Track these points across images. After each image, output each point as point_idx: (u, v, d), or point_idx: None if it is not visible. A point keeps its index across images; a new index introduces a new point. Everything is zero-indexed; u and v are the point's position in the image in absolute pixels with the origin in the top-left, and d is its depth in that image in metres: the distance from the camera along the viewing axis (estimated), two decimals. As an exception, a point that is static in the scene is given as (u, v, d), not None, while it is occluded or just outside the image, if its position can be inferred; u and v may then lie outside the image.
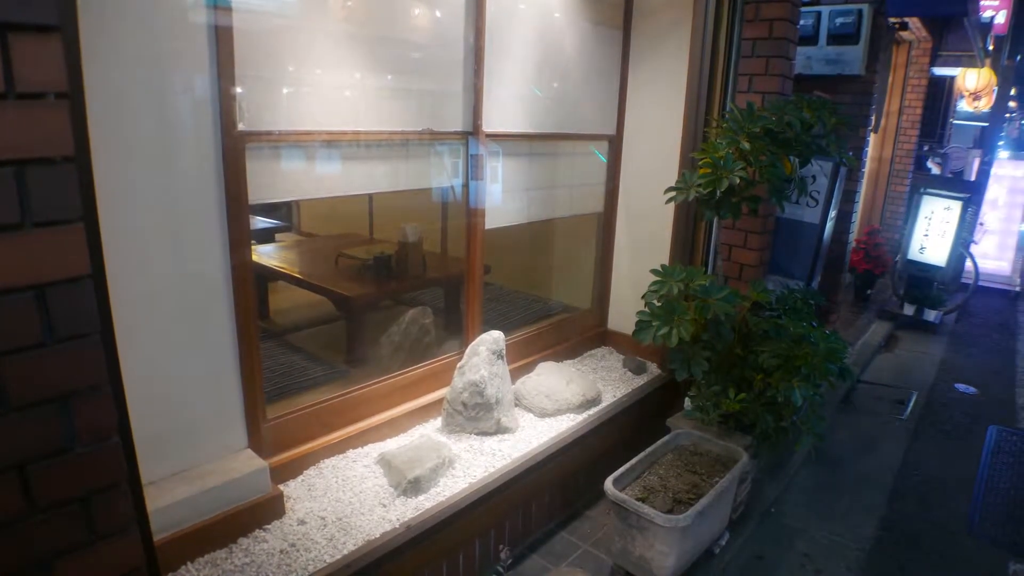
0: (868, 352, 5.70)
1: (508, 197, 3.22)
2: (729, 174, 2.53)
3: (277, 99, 2.23)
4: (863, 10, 5.13)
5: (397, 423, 2.84)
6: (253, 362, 2.27)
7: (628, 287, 3.83)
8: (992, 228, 8.51)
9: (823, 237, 3.89)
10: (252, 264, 2.22)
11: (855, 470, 3.82)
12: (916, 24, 6.93)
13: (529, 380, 3.19)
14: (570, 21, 3.31)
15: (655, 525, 2.41)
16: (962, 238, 6.75)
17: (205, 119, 1.99)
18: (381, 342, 3.25)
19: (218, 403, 2.21)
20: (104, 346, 1.22)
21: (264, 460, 2.26)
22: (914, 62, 7.86)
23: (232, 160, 2.07)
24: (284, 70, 2.24)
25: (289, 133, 2.27)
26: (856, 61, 5.21)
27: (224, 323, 2.17)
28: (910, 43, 7.75)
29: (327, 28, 2.34)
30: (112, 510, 1.27)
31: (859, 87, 5.39)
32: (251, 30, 2.08)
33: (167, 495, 1.99)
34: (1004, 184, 8.57)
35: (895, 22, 6.56)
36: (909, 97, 7.87)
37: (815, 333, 2.84)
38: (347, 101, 2.45)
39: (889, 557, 3.09)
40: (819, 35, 5.33)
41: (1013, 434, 4.50)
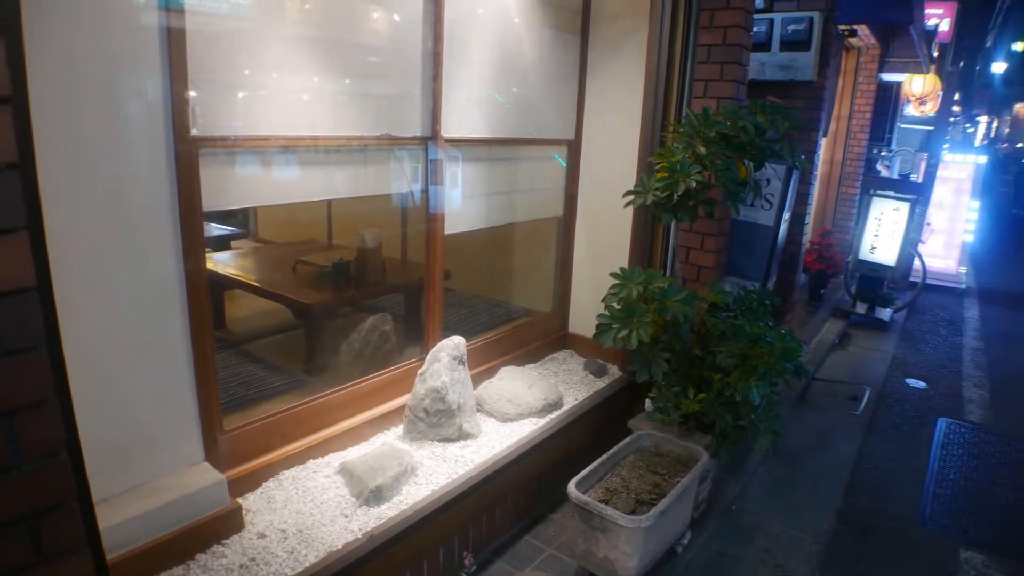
0: (823, 350, 5.84)
1: (468, 202, 3.22)
2: (685, 178, 2.57)
3: (232, 104, 2.19)
4: (814, 17, 5.26)
5: (358, 432, 2.81)
6: (209, 373, 2.22)
7: (588, 290, 3.85)
8: (939, 228, 8.80)
9: (778, 238, 3.98)
10: (207, 272, 2.17)
11: (812, 465, 3.90)
12: (864, 31, 7.14)
13: (491, 385, 3.18)
14: (529, 27, 3.33)
15: (618, 526, 2.42)
16: (910, 238, 6.97)
17: (157, 124, 1.95)
18: (341, 350, 3.21)
19: (173, 416, 2.16)
20: (51, 359, 1.19)
21: (222, 473, 2.21)
22: (863, 68, 8.10)
23: (185, 166, 2.03)
24: (240, 74, 2.20)
25: (245, 139, 2.23)
26: (808, 67, 5.34)
27: (178, 333, 2.12)
28: (859, 50, 7.98)
29: (283, 32, 2.31)
30: (61, 529, 1.23)
31: (811, 92, 5.52)
32: (205, 33, 2.04)
33: (120, 512, 1.93)
34: (949, 185, 8.87)
35: (845, 29, 6.75)
36: (859, 102, 8.10)
37: (771, 333, 2.90)
38: (304, 106, 2.42)
39: (845, 549, 3.17)
40: (772, 41, 5.45)
41: (961, 426, 4.66)
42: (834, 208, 8.20)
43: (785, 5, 5.50)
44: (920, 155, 9.84)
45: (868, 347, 6.29)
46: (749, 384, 2.73)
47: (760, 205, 3.90)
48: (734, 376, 2.79)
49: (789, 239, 5.20)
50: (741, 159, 2.81)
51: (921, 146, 12.42)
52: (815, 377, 5.28)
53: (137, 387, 2.03)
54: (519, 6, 3.25)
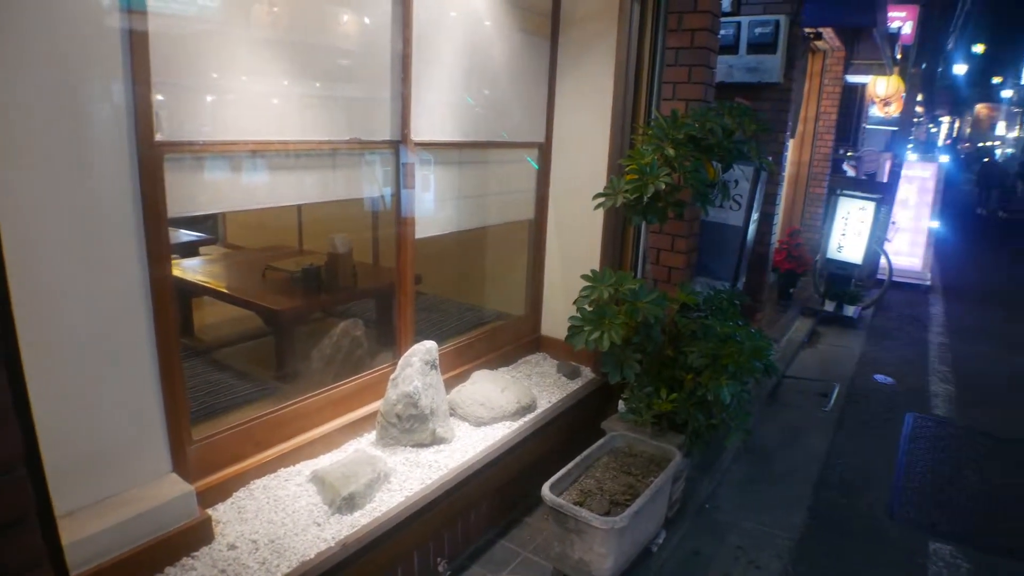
0: (792, 348, 5.93)
1: (438, 206, 3.21)
2: (655, 180, 2.59)
3: (198, 108, 2.16)
4: (780, 21, 5.35)
5: (330, 439, 2.78)
6: (176, 382, 2.18)
7: (560, 293, 3.86)
8: (904, 226, 8.98)
9: (746, 239, 4.03)
10: (173, 279, 2.14)
11: (783, 462, 3.95)
12: (829, 34, 7.26)
13: (464, 389, 3.17)
14: (498, 30, 3.33)
15: (592, 528, 2.43)
16: (876, 236, 7.11)
17: (119, 129, 1.90)
18: (312, 356, 3.18)
19: (139, 426, 2.12)
20: (8, 371, 1.15)
21: (190, 484, 2.17)
22: (829, 70, 8.22)
23: (149, 172, 1.99)
24: (206, 78, 2.17)
25: (211, 144, 2.20)
26: (774, 69, 5.42)
27: (143, 342, 2.08)
28: (824, 52, 8.10)
29: (251, 35, 2.28)
30: (20, 546, 1.20)
31: (778, 94, 5.61)
32: (169, 36, 2.01)
33: (85, 526, 1.89)
34: (914, 184, 9.06)
35: (810, 32, 6.85)
36: (825, 103, 8.22)
37: (741, 332, 2.94)
38: (272, 110, 2.39)
39: (817, 544, 3.21)
40: (739, 44, 5.52)
41: (928, 420, 4.76)
42: (802, 208, 8.32)
43: (752, 9, 5.58)
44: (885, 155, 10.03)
45: (837, 344, 6.40)
46: (720, 383, 2.76)
47: (729, 206, 3.95)
48: (705, 375, 2.81)
49: (758, 239, 5.28)
50: (709, 161, 2.84)
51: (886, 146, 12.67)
52: (786, 375, 5.36)
53: (101, 398, 1.99)
54: (488, 9, 3.25)
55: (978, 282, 10.06)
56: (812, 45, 7.52)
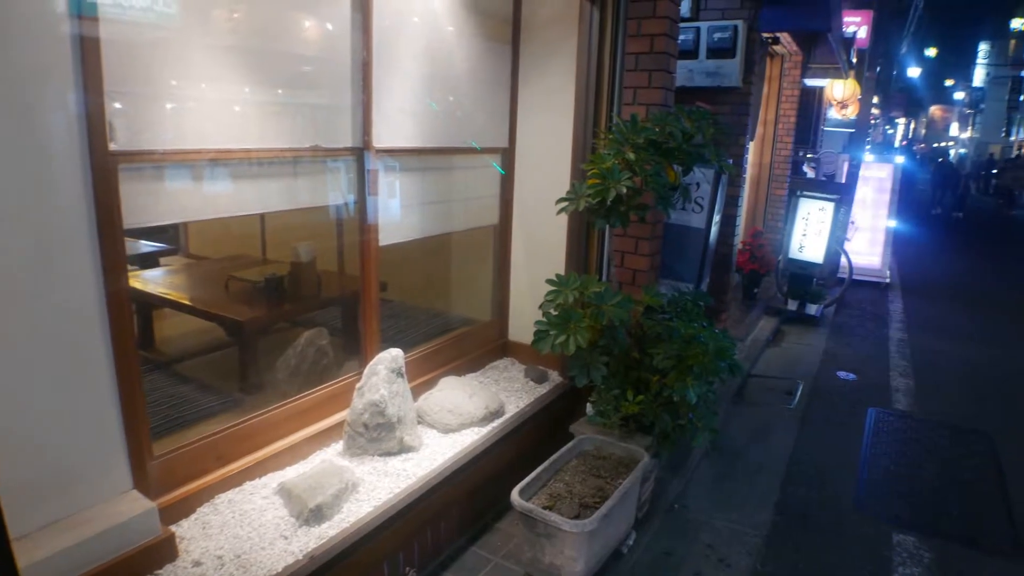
0: (757, 347, 6.01)
1: (402, 213, 3.20)
2: (616, 184, 2.62)
3: (154, 117, 2.12)
4: (738, 26, 5.44)
5: (297, 450, 2.75)
6: (135, 396, 2.14)
7: (527, 297, 3.87)
8: (862, 226, 9.19)
9: (709, 240, 4.09)
10: (131, 291, 2.09)
11: (750, 459, 4.00)
12: (787, 39, 7.41)
13: (431, 396, 3.16)
14: (459, 36, 3.33)
15: (562, 531, 2.43)
16: (836, 236, 7.26)
17: (71, 139, 1.86)
18: (277, 366, 3.14)
19: (97, 443, 2.07)
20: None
21: (152, 500, 2.13)
22: (787, 74, 8.40)
23: (103, 182, 1.95)
24: (162, 86, 2.13)
25: (167, 153, 2.16)
26: (734, 73, 5.51)
27: (100, 356, 2.03)
28: (783, 56, 8.27)
29: (208, 42, 2.25)
30: (-30, 571, 1.16)
31: (737, 98, 5.69)
32: (124, 43, 1.98)
33: (42, 548, 1.84)
34: (871, 185, 9.27)
35: (768, 37, 6.99)
36: (784, 106, 8.39)
37: (705, 333, 2.97)
38: (231, 118, 2.36)
39: (785, 539, 3.26)
40: (699, 49, 5.60)
41: (890, 415, 4.87)
42: (764, 209, 8.47)
43: (711, 14, 5.67)
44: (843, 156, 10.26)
45: (800, 342, 6.51)
46: (686, 384, 2.79)
47: (691, 209, 4.00)
48: (671, 377, 2.84)
49: (721, 240, 5.35)
50: (670, 164, 2.87)
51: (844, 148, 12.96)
52: (751, 374, 5.43)
53: (58, 416, 1.94)
54: (449, 16, 3.26)
55: (935, 279, 10.33)
56: (770, 50, 7.67)
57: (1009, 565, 3.19)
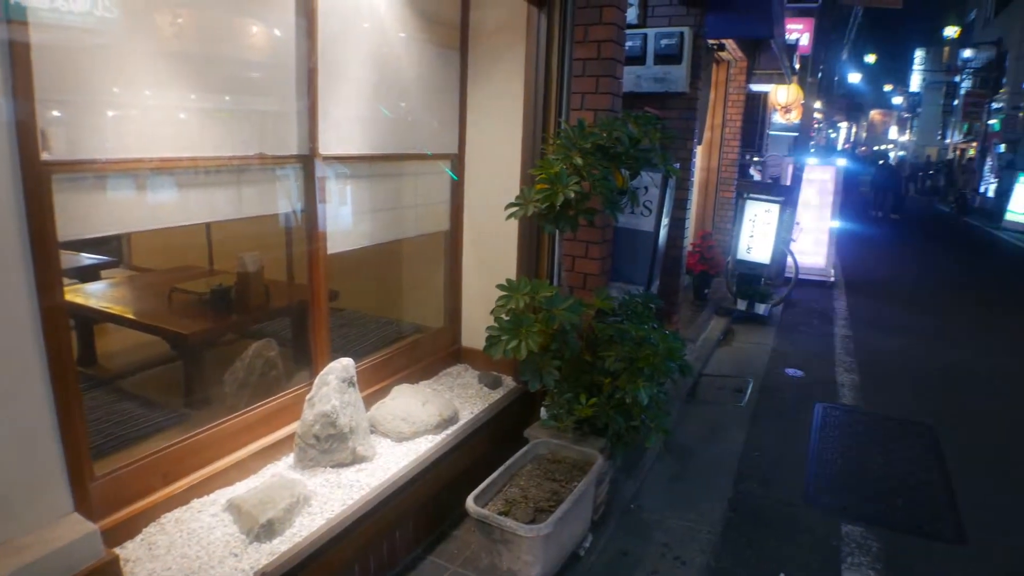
0: (709, 346, 6.12)
1: (350, 220, 3.16)
2: (564, 189, 2.64)
3: (90, 125, 2.05)
4: (684, 32, 5.55)
5: (246, 464, 2.68)
6: (74, 415, 2.05)
7: (479, 303, 3.86)
8: (807, 227, 9.45)
9: (658, 243, 4.15)
10: (67, 306, 2.02)
11: (703, 458, 4.07)
12: (732, 45, 7.59)
13: (384, 405, 3.13)
14: (407, 43, 3.32)
15: (518, 536, 2.43)
16: (782, 237, 7.45)
17: (0, 149, 1.79)
18: (224, 380, 3.06)
19: (33, 466, 1.97)
20: None
21: (94, 523, 2.04)
22: (733, 79, 8.60)
23: (35, 193, 1.87)
24: (98, 93, 2.06)
25: (105, 162, 2.09)
26: (680, 79, 5.61)
27: (35, 375, 1.94)
28: (728, 62, 8.47)
29: (147, 48, 2.18)
30: None
31: (684, 103, 5.80)
32: (59, 49, 1.90)
33: (-28, 577, 1.76)
34: (814, 187, 9.54)
35: (713, 43, 7.15)
36: (730, 111, 8.59)
37: (655, 335, 3.01)
38: (171, 126, 2.29)
39: (738, 535, 3.32)
40: (647, 55, 5.69)
41: (836, 409, 5.01)
42: (713, 212, 8.64)
43: (658, 21, 5.77)
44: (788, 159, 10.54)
45: (750, 341, 6.65)
46: (637, 386, 2.82)
47: (640, 212, 4.06)
48: (622, 379, 2.87)
49: (671, 243, 5.43)
50: (618, 168, 2.90)
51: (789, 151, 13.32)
52: (703, 373, 5.53)
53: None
54: (396, 22, 3.24)
55: (877, 278, 10.69)
56: (716, 56, 7.85)
57: (952, 550, 3.31)
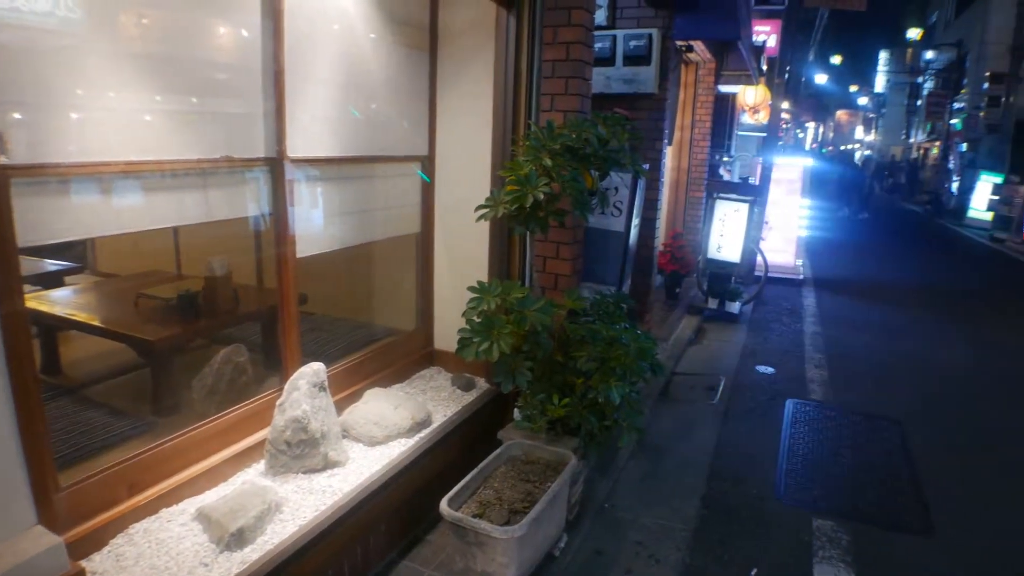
0: (681, 345, 6.18)
1: (320, 223, 3.13)
2: (534, 190, 2.64)
3: (52, 128, 2.00)
4: (653, 34, 5.60)
5: (216, 472, 2.64)
6: (37, 426, 2.01)
7: (451, 305, 3.85)
8: (776, 225, 9.59)
9: (629, 243, 4.18)
10: (29, 314, 1.97)
11: (676, 456, 4.10)
12: (700, 47, 7.67)
13: (356, 409, 3.10)
14: (375, 44, 3.30)
15: (493, 539, 2.43)
16: (752, 236, 7.55)
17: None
18: (193, 386, 3.01)
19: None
20: None
21: (59, 535, 2.00)
22: (702, 80, 8.68)
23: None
24: (60, 96, 2.01)
25: (67, 166, 2.04)
26: (650, 80, 5.66)
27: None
28: (697, 64, 8.55)
29: (109, 49, 2.14)
30: None
31: (654, 104, 5.85)
32: (19, 50, 1.86)
33: (-71, 595, 1.71)
34: (783, 186, 9.68)
35: (682, 45, 7.22)
36: (699, 112, 8.67)
37: (627, 334, 3.03)
38: (134, 129, 2.25)
39: (711, 532, 3.35)
40: (616, 57, 5.73)
41: (806, 405, 5.09)
42: (683, 211, 8.72)
43: (627, 23, 5.81)
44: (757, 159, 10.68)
45: (721, 339, 6.72)
46: (609, 385, 2.83)
47: (611, 213, 4.08)
48: (595, 379, 2.88)
49: (642, 243, 5.48)
50: (587, 169, 2.92)
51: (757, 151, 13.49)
52: (675, 372, 5.57)
53: (-56, 451, 1.80)
54: (364, 23, 3.22)
55: (845, 275, 10.87)
56: (685, 57, 7.92)
57: (919, 542, 3.38)
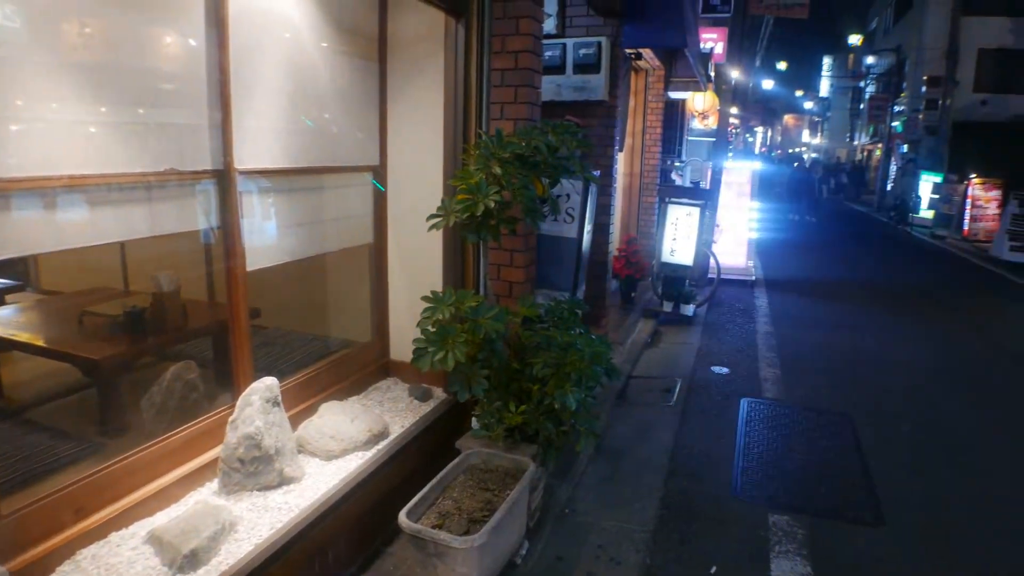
0: (637, 348, 6.25)
1: (270, 236, 3.09)
2: (484, 198, 2.66)
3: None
4: (602, 42, 5.68)
5: (168, 493, 2.58)
6: (-28, 452, 1.94)
7: (406, 315, 3.83)
8: (727, 228, 9.79)
9: (582, 249, 4.22)
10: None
11: (635, 458, 4.15)
12: (649, 54, 7.80)
13: (311, 424, 3.06)
14: (324, 54, 3.27)
15: (453, 549, 2.42)
16: (703, 239, 7.69)
17: None
18: (141, 405, 2.94)
19: (-74, 508, 1.86)
20: None
21: (3, 565, 1.94)
22: (651, 87, 8.82)
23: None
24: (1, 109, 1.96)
25: (6, 181, 1.97)
26: (600, 87, 5.74)
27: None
28: (647, 71, 8.69)
29: (50, 59, 2.08)
30: None
31: (604, 111, 5.93)
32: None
33: None
34: (733, 189, 9.90)
35: (631, 52, 7.33)
36: (650, 118, 8.80)
37: (581, 340, 3.06)
38: (76, 142, 2.19)
39: (670, 532, 3.40)
40: (566, 65, 5.80)
41: (760, 403, 5.20)
42: (637, 216, 8.83)
43: (576, 31, 5.88)
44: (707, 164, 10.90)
45: (677, 341, 6.83)
46: (565, 391, 2.85)
47: (563, 219, 4.12)
48: (550, 385, 2.90)
49: (596, 248, 5.53)
50: (538, 177, 2.94)
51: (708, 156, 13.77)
52: (632, 375, 5.63)
53: None
54: (312, 33, 3.19)
55: (795, 275, 11.16)
56: (634, 64, 8.04)
57: (872, 532, 3.49)
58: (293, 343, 3.81)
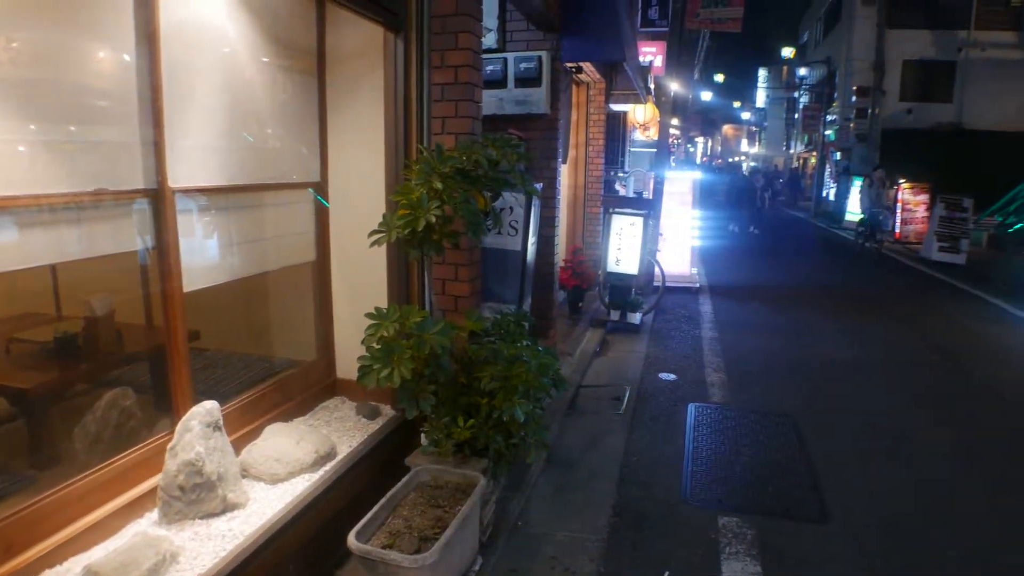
0: (586, 358, 6.31)
1: (208, 255, 3.02)
2: (425, 213, 2.65)
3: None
4: (542, 56, 5.75)
5: (105, 525, 2.48)
6: None
7: (352, 333, 3.77)
8: (670, 237, 9.99)
9: (527, 261, 4.25)
10: None
11: (586, 468, 4.18)
12: (589, 68, 7.93)
13: (255, 447, 2.99)
14: (261, 69, 3.23)
15: (403, 568, 2.40)
16: (648, 248, 7.83)
17: None
18: (75, 435, 2.82)
19: None
20: None
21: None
22: (593, 100, 8.97)
23: None
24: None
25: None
26: (541, 101, 5.80)
27: None
28: (588, 84, 8.83)
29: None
30: None
31: (547, 123, 6.00)
32: None
33: None
34: (675, 199, 10.11)
35: (571, 66, 7.44)
36: (592, 130, 8.94)
37: (527, 351, 3.07)
38: (1, 161, 2.11)
39: (622, 539, 3.43)
40: (508, 79, 5.85)
41: (707, 408, 5.30)
42: (582, 227, 8.94)
43: (517, 45, 5.95)
44: (649, 174, 11.11)
45: (625, 350, 6.91)
46: (513, 404, 2.86)
47: (507, 232, 4.14)
48: (498, 398, 2.90)
49: (541, 260, 5.57)
50: (479, 191, 2.96)
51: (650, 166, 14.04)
52: (582, 385, 5.68)
53: None
54: (248, 48, 3.14)
55: (737, 281, 11.44)
56: (575, 78, 8.16)
57: (819, 529, 3.60)
58: (235, 365, 3.71)
